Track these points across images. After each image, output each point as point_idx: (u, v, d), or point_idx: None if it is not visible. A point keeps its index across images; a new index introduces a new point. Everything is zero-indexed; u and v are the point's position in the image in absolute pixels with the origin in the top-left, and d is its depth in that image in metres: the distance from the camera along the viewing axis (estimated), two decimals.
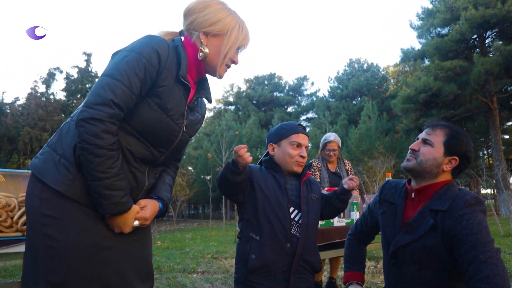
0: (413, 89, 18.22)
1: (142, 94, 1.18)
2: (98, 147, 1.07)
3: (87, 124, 1.08)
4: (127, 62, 1.14)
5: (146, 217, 1.24)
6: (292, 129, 1.72)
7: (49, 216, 1.10)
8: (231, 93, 44.03)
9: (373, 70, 33.27)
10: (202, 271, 5.07)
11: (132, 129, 1.20)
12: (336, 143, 3.83)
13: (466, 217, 1.34)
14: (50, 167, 1.14)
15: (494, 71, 15.83)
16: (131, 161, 1.22)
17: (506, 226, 9.72)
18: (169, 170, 1.47)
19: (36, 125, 14.19)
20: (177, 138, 1.31)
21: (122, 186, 1.13)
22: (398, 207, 1.57)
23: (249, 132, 30.13)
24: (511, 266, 4.52)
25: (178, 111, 1.27)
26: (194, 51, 1.32)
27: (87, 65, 18.11)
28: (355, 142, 23.12)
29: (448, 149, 1.49)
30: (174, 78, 1.24)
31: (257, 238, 1.58)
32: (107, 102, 1.09)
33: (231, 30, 1.32)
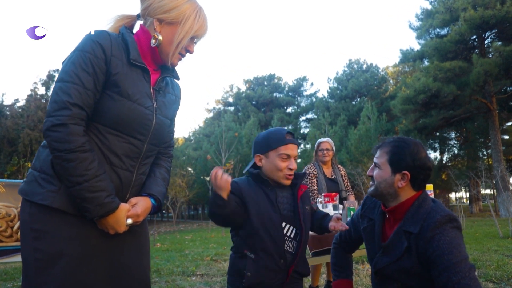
0: (412, 90, 18.24)
1: (98, 88, 1.17)
2: (69, 151, 1.08)
3: (51, 132, 1.09)
4: (73, 62, 1.15)
5: (138, 214, 1.25)
6: (281, 140, 1.62)
7: (38, 230, 1.12)
8: (231, 93, 44.03)
9: (373, 70, 33.29)
10: (201, 274, 5.08)
11: (105, 126, 1.20)
12: (329, 144, 3.86)
13: (437, 238, 1.32)
14: (33, 185, 1.16)
15: (494, 72, 15.85)
16: (113, 160, 1.22)
17: (505, 228, 9.72)
18: (161, 161, 1.45)
19: (36, 127, 14.19)
20: (152, 122, 1.29)
21: (103, 187, 1.13)
22: (376, 224, 1.58)
23: (248, 133, 30.11)
24: (509, 269, 4.52)
25: (142, 94, 1.25)
26: (147, 38, 1.30)
27: None
28: (355, 143, 23.12)
29: (393, 167, 1.47)
30: (126, 63, 1.23)
31: (251, 256, 1.55)
32: (63, 105, 1.09)
33: (186, 18, 1.28)
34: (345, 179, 4.04)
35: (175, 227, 21.40)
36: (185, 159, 30.35)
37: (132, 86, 1.23)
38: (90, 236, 1.18)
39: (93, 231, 1.18)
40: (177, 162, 25.59)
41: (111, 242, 1.23)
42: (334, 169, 3.98)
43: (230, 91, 44.43)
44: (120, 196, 1.24)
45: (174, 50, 1.29)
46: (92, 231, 1.18)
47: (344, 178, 4.03)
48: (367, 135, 23.14)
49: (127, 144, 1.24)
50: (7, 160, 14.16)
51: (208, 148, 28.72)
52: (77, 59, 1.15)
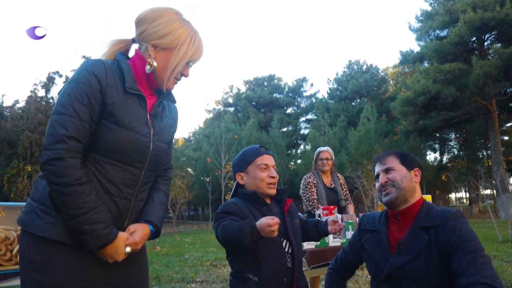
0: (412, 92, 18.26)
1: (94, 118, 1.18)
2: (66, 184, 1.09)
3: (48, 166, 1.09)
4: (68, 94, 1.15)
5: (136, 242, 1.25)
6: (255, 153, 1.70)
7: (37, 261, 1.13)
8: (231, 94, 44.05)
9: (372, 71, 33.29)
10: (200, 281, 5.09)
11: (102, 156, 1.20)
12: (329, 153, 3.86)
13: (458, 227, 1.41)
14: (32, 216, 1.16)
15: (493, 74, 15.87)
16: (111, 190, 1.22)
17: (505, 231, 9.71)
18: (159, 185, 1.44)
19: (36, 130, 14.17)
20: (149, 149, 1.28)
21: (101, 219, 1.14)
22: (381, 232, 1.61)
23: (248, 134, 30.11)
24: (508, 276, 4.52)
25: (138, 122, 1.25)
26: (143, 63, 1.29)
27: None
28: (354, 145, 23.11)
29: (407, 166, 1.62)
30: (122, 91, 1.23)
31: (255, 279, 1.54)
32: (60, 139, 1.10)
33: (180, 44, 1.27)
34: (344, 188, 4.04)
35: (175, 229, 21.41)
36: (185, 160, 30.35)
37: (129, 114, 1.23)
38: (89, 266, 1.18)
39: (92, 261, 1.19)
40: (177, 163, 25.59)
41: (110, 271, 1.23)
42: (333, 178, 3.99)
43: (230, 92, 44.46)
44: (118, 223, 1.25)
45: (169, 75, 1.29)
46: (91, 261, 1.19)
47: (343, 186, 4.03)
48: (367, 137, 23.13)
49: (125, 172, 1.24)
50: (6, 163, 14.14)
51: (208, 149, 28.71)
52: (72, 91, 1.15)
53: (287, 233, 1.65)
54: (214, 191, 20.52)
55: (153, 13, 1.29)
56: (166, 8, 1.32)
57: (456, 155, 27.57)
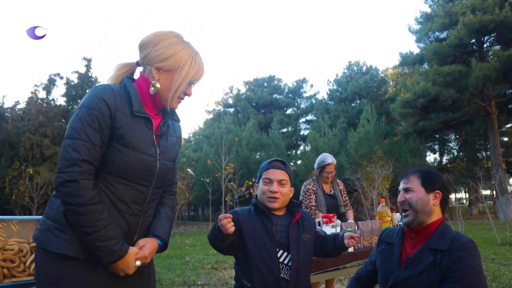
0: (411, 93, 18.32)
1: (105, 142, 1.25)
2: (80, 205, 1.16)
3: (63, 188, 1.17)
4: (80, 119, 1.22)
5: (145, 256, 1.33)
6: (264, 167, 1.81)
7: (53, 276, 1.20)
8: (231, 95, 44.08)
9: (372, 72, 33.32)
10: (202, 284, 5.15)
11: (112, 176, 1.27)
12: (334, 165, 3.90)
13: (464, 260, 1.45)
14: (47, 234, 1.24)
15: (492, 76, 15.92)
16: (121, 207, 1.30)
17: (503, 233, 9.76)
18: (165, 200, 1.52)
19: (37, 131, 14.20)
20: (156, 168, 1.36)
21: (113, 235, 1.22)
22: (396, 245, 1.70)
23: (248, 135, 30.17)
24: (505, 280, 4.57)
25: (146, 143, 1.33)
26: (147, 86, 1.37)
27: (87, 71, 18.12)
28: (354, 146, 23.16)
29: (426, 188, 1.65)
30: (130, 115, 1.30)
31: (248, 285, 1.63)
32: (74, 162, 1.18)
33: (182, 65, 1.35)
34: (344, 194, 4.09)
35: (175, 230, 21.44)
36: (185, 161, 30.40)
37: (136, 137, 1.31)
38: (102, 279, 1.26)
39: (104, 275, 1.27)
40: (177, 164, 25.56)
41: (122, 284, 1.31)
42: (333, 184, 4.03)
43: (230, 93, 44.50)
44: (128, 238, 1.33)
45: (172, 95, 1.37)
46: (104, 275, 1.26)
47: (343, 193, 4.08)
48: (366, 138, 23.18)
49: (134, 191, 1.32)
50: (8, 164, 14.18)
51: (208, 150, 28.76)
52: (84, 116, 1.23)
53: (288, 245, 1.70)
54: (214, 192, 20.57)
55: (155, 37, 1.37)
56: (168, 32, 1.40)
57: (455, 156, 27.62)
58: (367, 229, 2.91)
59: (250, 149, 29.59)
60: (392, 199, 18.63)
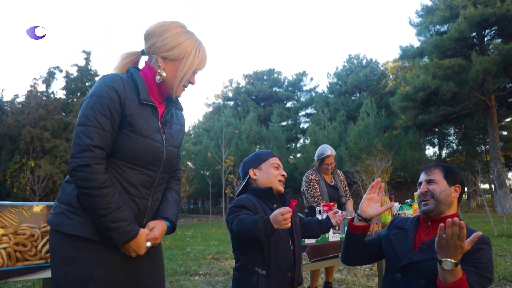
0: (411, 87, 18.34)
1: (115, 128, 1.31)
2: (93, 188, 1.22)
3: (77, 172, 1.22)
4: (91, 107, 1.27)
5: (156, 237, 1.40)
6: (269, 154, 1.92)
7: (68, 256, 1.26)
8: (230, 88, 44.02)
9: (372, 66, 33.29)
10: (203, 273, 5.23)
11: (122, 161, 1.33)
12: (333, 157, 3.96)
13: (482, 251, 1.54)
14: (62, 218, 1.29)
15: (492, 70, 15.93)
16: (131, 191, 1.35)
17: (501, 225, 9.86)
18: (171, 185, 1.58)
19: (37, 124, 14.22)
20: (163, 153, 1.42)
21: (125, 217, 1.27)
22: (409, 231, 1.78)
23: (248, 128, 30.20)
24: (501, 270, 4.65)
25: (153, 130, 1.38)
26: (153, 74, 1.42)
27: (87, 64, 18.08)
28: (354, 139, 23.22)
29: (449, 181, 1.74)
30: (137, 103, 1.36)
31: (263, 272, 1.64)
32: (86, 148, 1.23)
33: (187, 55, 1.40)
34: (344, 184, 4.16)
35: None
36: (185, 154, 30.47)
37: (144, 123, 1.36)
38: (114, 259, 1.32)
39: (116, 255, 1.33)
40: None
41: (132, 264, 1.38)
42: (333, 175, 4.10)
43: (230, 86, 44.44)
44: (138, 221, 1.39)
45: (178, 83, 1.43)
46: (116, 255, 1.33)
47: (343, 183, 4.14)
48: (366, 131, 23.24)
49: (143, 175, 1.38)
50: (8, 157, 14.24)
51: (208, 143, 28.83)
52: (95, 104, 1.28)
53: (292, 231, 1.77)
54: (214, 185, 20.62)
55: (160, 27, 1.42)
56: (172, 22, 1.45)
57: (455, 150, 27.71)
58: None
59: (250, 142, 29.64)
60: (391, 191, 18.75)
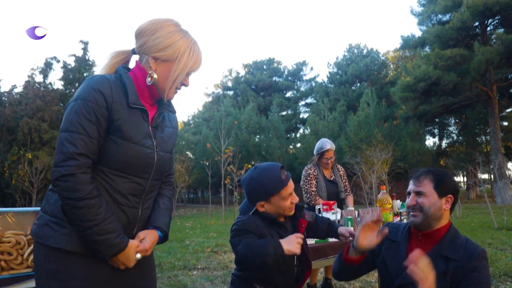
0: (412, 77, 18.17)
1: (102, 134, 1.22)
2: (78, 199, 1.14)
3: (61, 182, 1.14)
4: (76, 111, 1.18)
5: (146, 249, 1.32)
6: (279, 184, 1.57)
7: (53, 270, 1.19)
8: (230, 78, 43.77)
9: (373, 55, 33.03)
10: (202, 268, 5.20)
11: (110, 168, 1.25)
12: (333, 151, 3.88)
13: (479, 270, 1.46)
14: (46, 229, 1.21)
15: (495, 60, 15.76)
16: (120, 200, 1.27)
17: (500, 217, 9.84)
18: (163, 191, 1.50)
19: (35, 116, 14.11)
20: (154, 159, 1.34)
21: (113, 229, 1.20)
22: (401, 245, 1.66)
23: (248, 118, 30.08)
24: (502, 265, 4.60)
25: (143, 135, 1.30)
26: (144, 76, 1.33)
27: (84, 54, 17.87)
28: (354, 130, 23.15)
29: (439, 192, 1.60)
30: (126, 107, 1.27)
31: None
32: (70, 156, 1.14)
33: (180, 56, 1.31)
34: (344, 179, 4.09)
35: (174, 212, 21.62)
36: (184, 144, 30.42)
37: (133, 129, 1.27)
38: (102, 272, 1.25)
39: (104, 268, 1.25)
40: (176, 147, 25.63)
41: (121, 276, 1.30)
42: (333, 170, 4.03)
43: (229, 75, 44.18)
44: (128, 231, 1.31)
45: (170, 86, 1.33)
46: (103, 268, 1.25)
47: (343, 178, 4.07)
48: (366, 122, 23.15)
49: (132, 183, 1.30)
50: (6, 149, 14.16)
51: (207, 134, 28.74)
52: (80, 109, 1.19)
53: (304, 253, 1.67)
54: (214, 175, 20.60)
55: (152, 25, 1.32)
56: (165, 20, 1.34)
57: (455, 140, 27.65)
58: (367, 214, 2.90)
59: (249, 132, 29.56)
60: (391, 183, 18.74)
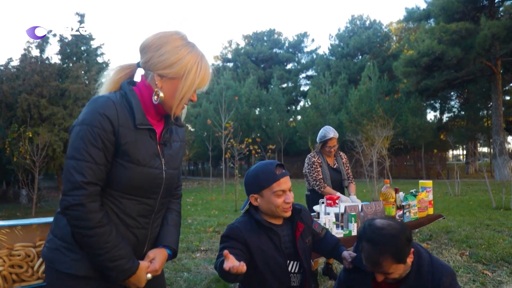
0: (416, 52, 17.83)
1: (109, 159, 1.20)
2: (88, 228, 1.14)
3: (70, 211, 1.13)
4: (81, 138, 1.16)
5: (156, 269, 1.33)
6: (271, 177, 1.59)
7: None
8: (230, 49, 42.98)
9: (376, 27, 32.27)
10: (205, 249, 5.30)
11: (118, 192, 1.24)
12: (336, 139, 3.86)
13: None
14: (56, 254, 1.22)
15: (501, 35, 15.40)
16: (129, 223, 1.27)
17: (499, 195, 9.90)
18: (172, 205, 1.49)
19: (33, 91, 13.93)
20: (162, 179, 1.32)
21: (124, 254, 1.20)
22: (367, 278, 1.64)
23: (248, 91, 29.81)
24: (499, 249, 4.57)
25: (151, 156, 1.28)
26: (150, 93, 1.29)
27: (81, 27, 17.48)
28: (355, 104, 23.01)
29: (401, 260, 1.51)
30: (133, 129, 1.23)
31: None
32: (78, 186, 1.13)
33: (187, 73, 1.25)
34: (347, 167, 4.09)
35: None
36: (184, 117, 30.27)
37: (141, 151, 1.25)
38: None
39: None
40: None
41: None
42: (336, 157, 4.03)
43: (229, 47, 43.36)
44: (138, 251, 1.32)
45: (177, 104, 1.29)
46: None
47: (346, 165, 4.08)
48: (367, 96, 22.97)
49: (141, 205, 1.29)
50: (6, 125, 14.14)
51: (207, 107, 28.56)
52: (86, 135, 1.16)
53: (298, 256, 1.68)
54: (214, 148, 20.63)
55: (157, 40, 1.27)
56: (171, 34, 1.28)
57: (456, 114, 27.53)
58: (370, 211, 2.92)
59: (249, 106, 29.38)
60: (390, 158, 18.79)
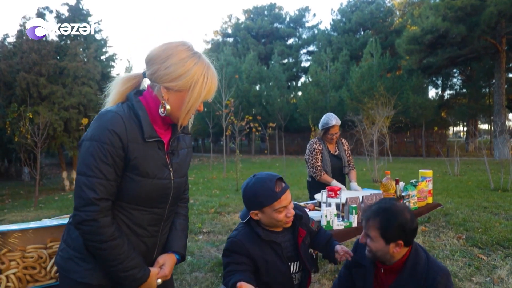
0: (419, 29, 17.48)
1: (119, 174, 1.23)
2: (101, 242, 1.18)
3: (83, 226, 1.17)
4: (92, 154, 1.18)
5: (166, 274, 1.39)
6: (272, 196, 1.57)
7: None
8: (230, 24, 42.13)
9: (379, 2, 31.46)
10: (207, 231, 5.41)
11: (129, 203, 1.28)
12: (338, 126, 3.87)
13: None
14: (70, 263, 1.27)
15: (508, 12, 15.03)
16: (140, 232, 1.32)
17: (497, 175, 9.96)
18: (179, 209, 1.54)
19: (32, 70, 13.77)
20: (171, 189, 1.36)
21: (136, 264, 1.25)
22: (368, 272, 1.70)
23: (248, 68, 29.46)
24: (495, 233, 4.60)
25: (159, 167, 1.30)
26: (156, 105, 1.30)
27: (78, 2, 17.07)
28: (356, 81, 22.80)
29: (386, 239, 1.55)
30: (142, 142, 1.25)
31: None
32: (90, 202, 1.16)
33: (194, 85, 1.26)
34: (348, 153, 4.12)
35: None
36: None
37: (150, 164, 1.28)
38: None
39: None
40: None
41: None
42: (338, 144, 4.05)
43: (229, 22, 42.48)
44: (148, 258, 1.37)
45: (184, 115, 1.30)
46: None
47: (347, 152, 4.10)
48: (369, 73, 22.72)
49: (150, 215, 1.33)
50: (6, 104, 14.12)
51: None
52: (96, 151, 1.18)
53: (299, 257, 1.72)
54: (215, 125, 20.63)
55: (163, 52, 1.27)
56: (177, 45, 1.28)
57: (458, 92, 27.31)
58: (371, 202, 2.97)
59: (250, 82, 29.12)
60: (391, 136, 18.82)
